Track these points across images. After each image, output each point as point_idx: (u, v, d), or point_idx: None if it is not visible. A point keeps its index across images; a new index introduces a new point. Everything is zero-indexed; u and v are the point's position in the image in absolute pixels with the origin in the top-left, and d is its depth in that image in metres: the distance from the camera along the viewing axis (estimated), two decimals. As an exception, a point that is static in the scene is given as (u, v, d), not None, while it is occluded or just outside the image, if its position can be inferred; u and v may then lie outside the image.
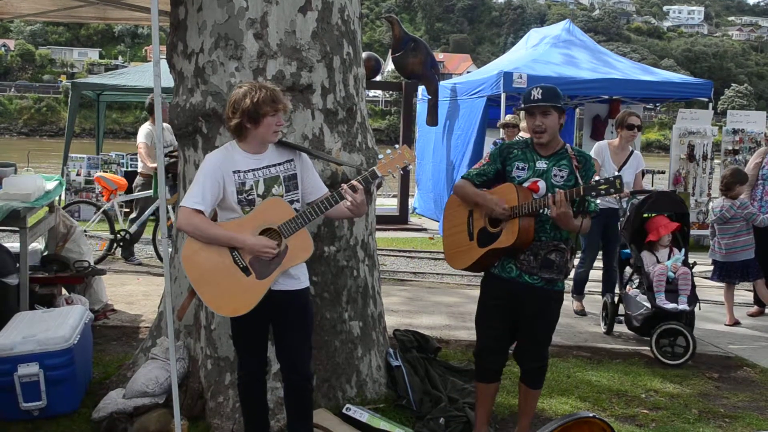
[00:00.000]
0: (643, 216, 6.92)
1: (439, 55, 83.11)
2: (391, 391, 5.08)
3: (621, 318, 7.39)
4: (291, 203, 3.81)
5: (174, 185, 6.89)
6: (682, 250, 6.91)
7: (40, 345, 4.72)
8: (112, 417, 4.54)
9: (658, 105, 16.74)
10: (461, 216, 4.44)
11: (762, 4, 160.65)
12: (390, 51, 13.26)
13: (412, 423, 4.74)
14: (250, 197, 3.75)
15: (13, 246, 6.35)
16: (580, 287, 7.87)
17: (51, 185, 6.85)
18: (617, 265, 7.32)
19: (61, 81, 67.80)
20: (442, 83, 14.04)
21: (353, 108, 4.97)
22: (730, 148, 12.72)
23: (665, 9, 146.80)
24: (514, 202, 4.13)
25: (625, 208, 7.07)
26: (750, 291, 8.50)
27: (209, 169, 3.76)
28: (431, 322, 7.20)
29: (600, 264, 7.89)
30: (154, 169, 8.66)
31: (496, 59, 17.49)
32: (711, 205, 7.67)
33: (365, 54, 9.94)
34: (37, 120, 62.48)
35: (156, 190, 8.51)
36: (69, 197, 13.51)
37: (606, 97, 13.95)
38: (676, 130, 12.82)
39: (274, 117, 3.70)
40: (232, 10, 4.61)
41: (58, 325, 4.95)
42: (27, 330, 4.89)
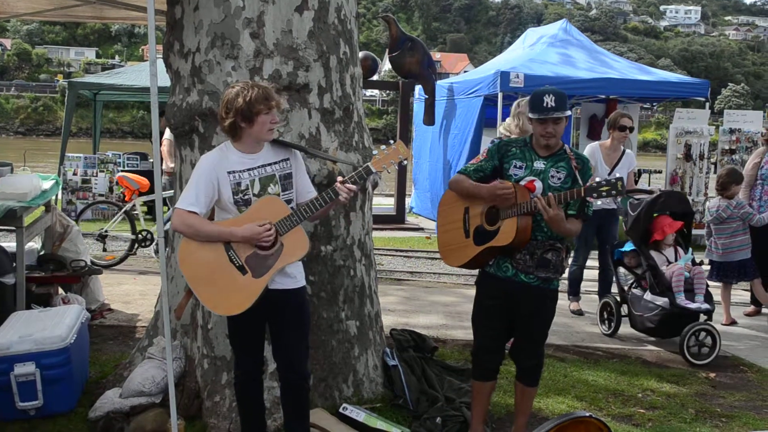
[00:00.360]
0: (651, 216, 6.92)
1: (436, 55, 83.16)
2: (388, 391, 5.08)
3: (605, 317, 7.46)
4: (287, 203, 3.81)
5: None
6: (689, 249, 6.93)
7: (36, 344, 4.71)
8: (108, 416, 4.54)
9: (655, 104, 16.77)
10: (457, 213, 4.43)
11: (759, 3, 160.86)
12: (387, 50, 13.27)
13: (408, 422, 4.74)
14: (246, 197, 3.75)
15: (10, 245, 6.34)
16: (575, 287, 7.87)
17: (47, 185, 6.84)
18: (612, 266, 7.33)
19: (58, 80, 67.71)
20: (439, 83, 14.04)
21: (350, 107, 4.97)
22: (726, 147, 12.74)
23: (662, 9, 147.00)
24: (512, 200, 4.13)
25: (626, 208, 7.05)
26: (747, 291, 8.51)
27: (203, 171, 3.75)
28: (428, 321, 7.20)
29: (591, 263, 7.90)
30: (172, 169, 8.66)
31: (493, 59, 17.51)
32: (707, 205, 7.67)
33: (362, 53, 9.95)
34: (34, 119, 62.45)
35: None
36: (66, 196, 13.50)
37: (603, 97, 13.95)
38: (672, 129, 12.83)
39: (267, 115, 3.70)
40: (228, 9, 4.61)
41: (54, 325, 4.95)
42: (23, 329, 4.89)
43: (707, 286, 6.71)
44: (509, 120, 9.20)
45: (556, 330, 6.87)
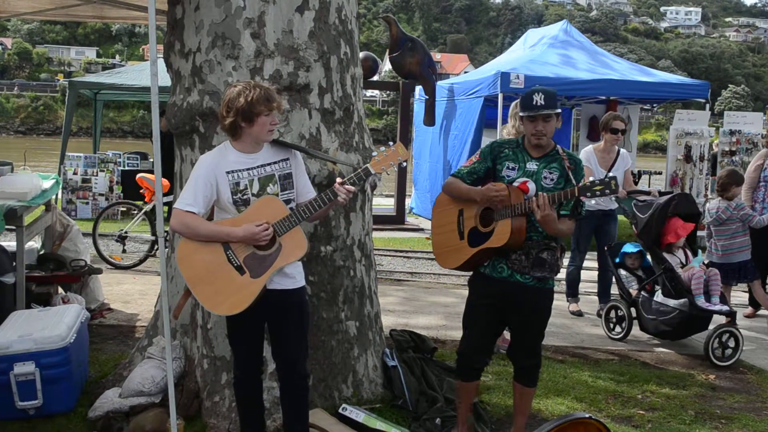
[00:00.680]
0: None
1: (437, 55, 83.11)
2: (388, 391, 5.08)
3: (613, 320, 7.46)
4: (287, 203, 3.81)
5: None
6: (698, 251, 6.93)
7: (36, 344, 4.71)
8: (108, 416, 4.54)
9: (655, 106, 16.78)
10: (451, 215, 4.44)
11: (759, 5, 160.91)
12: (387, 51, 13.27)
13: (408, 423, 4.74)
14: (245, 197, 3.75)
15: (10, 245, 6.33)
16: (574, 289, 7.87)
17: (48, 184, 6.85)
18: (613, 268, 7.32)
19: (59, 80, 67.70)
20: (439, 83, 14.05)
21: (350, 108, 4.97)
22: (726, 149, 12.74)
23: (662, 10, 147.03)
24: (506, 201, 4.14)
25: (631, 210, 7.00)
26: (746, 292, 8.51)
27: (202, 171, 3.76)
28: (428, 322, 7.20)
29: (587, 264, 7.90)
30: None
31: (493, 59, 17.50)
32: (707, 206, 7.67)
33: (362, 54, 9.95)
34: (34, 119, 62.40)
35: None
36: (66, 196, 13.51)
37: (603, 98, 13.97)
38: (673, 131, 12.84)
39: (268, 116, 3.70)
40: (229, 9, 4.61)
41: (54, 324, 4.95)
42: (23, 329, 4.89)
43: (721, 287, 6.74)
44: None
45: (555, 331, 6.88)
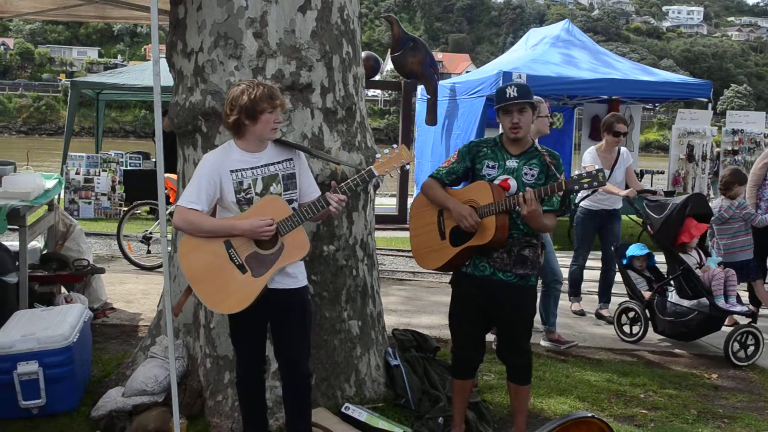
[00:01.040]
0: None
1: (438, 55, 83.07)
2: (390, 391, 5.09)
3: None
4: (289, 202, 3.81)
5: None
6: (712, 252, 6.93)
7: (39, 343, 4.72)
8: (111, 415, 4.55)
9: (657, 105, 16.79)
10: (431, 215, 4.41)
11: (761, 4, 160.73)
12: (389, 50, 13.26)
13: (410, 422, 4.74)
14: (248, 196, 3.75)
15: (13, 244, 6.34)
16: (576, 288, 7.86)
17: (50, 184, 6.86)
18: (617, 269, 7.30)
19: (61, 80, 67.72)
20: (441, 83, 14.04)
21: (352, 107, 4.97)
22: (729, 148, 12.74)
23: (664, 9, 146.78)
24: (489, 200, 4.14)
25: (644, 211, 6.98)
26: (746, 291, 8.49)
27: (206, 169, 3.76)
28: (430, 321, 7.20)
29: (590, 264, 7.90)
30: None
31: (495, 59, 17.50)
32: (710, 205, 7.66)
33: (364, 53, 9.94)
34: (36, 119, 62.41)
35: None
36: (68, 196, 13.52)
37: (605, 97, 13.95)
38: (675, 130, 12.84)
39: (271, 114, 3.71)
40: (231, 9, 4.61)
41: (57, 324, 4.96)
42: (26, 328, 4.90)
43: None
44: None
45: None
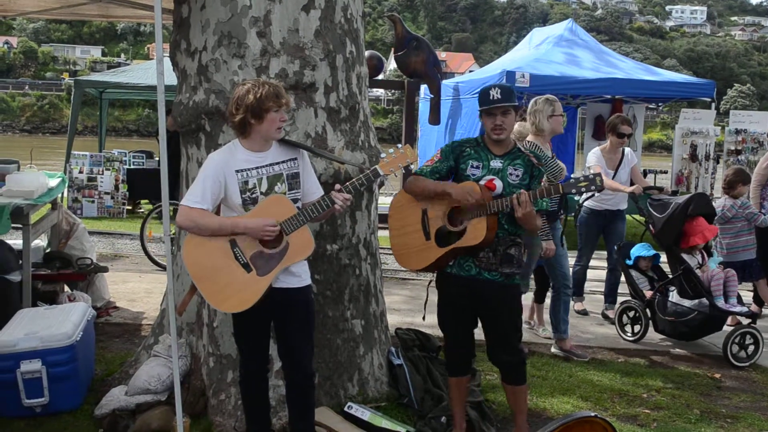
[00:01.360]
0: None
1: (442, 54, 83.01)
2: (393, 390, 5.09)
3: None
4: (294, 202, 3.82)
5: None
6: (714, 252, 6.92)
7: (42, 342, 4.73)
8: (114, 414, 4.56)
9: (660, 105, 16.75)
10: (413, 215, 4.38)
11: (765, 3, 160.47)
12: (392, 50, 13.24)
13: (413, 421, 4.74)
14: (253, 195, 3.75)
15: (16, 243, 6.36)
16: (579, 288, 7.85)
17: (54, 182, 6.87)
18: (624, 268, 7.29)
19: (64, 78, 67.77)
20: (444, 82, 14.04)
21: (356, 106, 4.97)
22: (732, 148, 12.72)
23: (668, 9, 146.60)
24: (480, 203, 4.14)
25: (647, 210, 6.97)
26: (750, 291, 8.48)
27: (211, 168, 3.77)
28: (433, 320, 7.15)
29: (593, 263, 7.90)
30: None
31: (498, 58, 17.50)
32: (713, 205, 7.65)
33: (368, 53, 9.93)
34: (40, 117, 62.48)
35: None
36: (72, 194, 13.54)
37: (608, 97, 13.93)
38: (678, 129, 12.83)
39: (277, 113, 3.71)
40: (235, 8, 4.61)
41: (60, 322, 4.96)
42: (29, 327, 4.90)
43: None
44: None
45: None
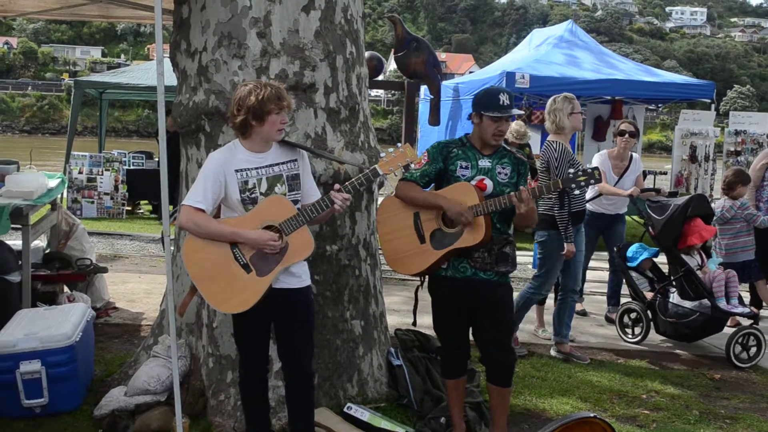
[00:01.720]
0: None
1: (442, 55, 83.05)
2: (392, 391, 5.09)
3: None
4: (294, 203, 3.82)
5: None
6: (713, 253, 6.92)
7: (42, 342, 4.72)
8: (113, 414, 4.55)
9: (660, 106, 16.78)
10: (404, 219, 4.32)
11: (765, 5, 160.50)
12: (392, 50, 13.25)
13: (413, 422, 4.74)
14: (253, 195, 3.76)
15: (16, 243, 6.36)
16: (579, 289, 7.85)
17: (53, 183, 6.86)
18: (624, 270, 7.29)
19: (64, 79, 67.78)
20: (444, 83, 14.03)
21: (356, 107, 4.97)
22: (732, 149, 12.73)
23: (668, 10, 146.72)
24: (474, 200, 4.14)
25: (646, 212, 6.97)
26: (747, 292, 8.48)
27: (211, 168, 3.77)
28: (429, 322, 7.17)
29: (592, 264, 7.91)
30: None
31: (498, 59, 17.50)
32: (713, 206, 7.66)
33: (368, 53, 9.95)
34: (40, 118, 62.53)
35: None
36: (71, 195, 13.54)
37: (608, 98, 13.95)
38: (678, 131, 12.84)
39: (278, 115, 3.72)
40: (235, 8, 4.62)
41: (60, 323, 4.96)
42: (29, 327, 4.90)
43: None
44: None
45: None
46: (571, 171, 4.15)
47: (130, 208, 14.32)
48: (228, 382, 4.63)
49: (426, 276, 4.45)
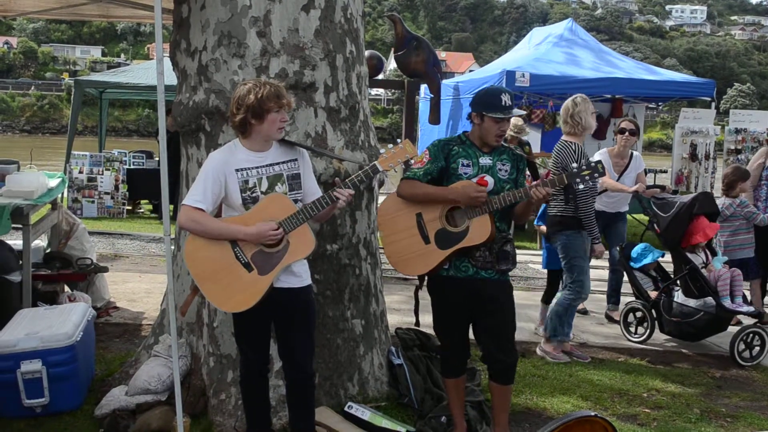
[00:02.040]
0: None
1: (442, 54, 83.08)
2: (393, 390, 5.09)
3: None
4: (294, 202, 3.81)
5: None
6: (718, 251, 6.92)
7: (42, 342, 4.72)
8: (114, 414, 4.55)
9: (660, 104, 16.74)
10: (407, 220, 4.28)
11: (765, 3, 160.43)
12: (392, 49, 13.24)
13: (413, 421, 4.74)
14: (253, 195, 3.75)
15: (16, 243, 6.36)
16: None
17: (54, 182, 6.86)
18: (628, 269, 7.28)
19: (64, 79, 67.76)
20: (444, 82, 14.03)
21: (356, 106, 4.97)
22: (732, 147, 12.72)
23: (668, 8, 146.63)
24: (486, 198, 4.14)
25: (652, 209, 6.96)
26: (748, 290, 8.48)
27: (211, 168, 3.77)
28: (429, 321, 7.17)
29: (592, 263, 7.89)
30: None
31: (498, 58, 17.50)
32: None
33: (368, 52, 9.94)
34: (40, 117, 62.49)
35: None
36: (72, 194, 13.54)
37: (608, 97, 13.94)
38: (678, 129, 12.83)
39: (278, 113, 3.71)
40: (235, 8, 4.61)
41: (60, 323, 4.96)
42: (30, 327, 4.90)
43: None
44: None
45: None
46: (575, 166, 4.14)
47: (130, 207, 14.31)
48: (229, 381, 4.63)
49: (426, 276, 4.43)
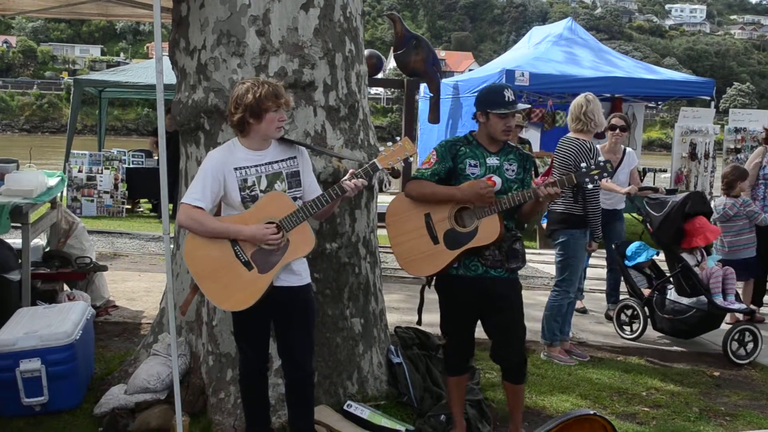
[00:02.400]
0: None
1: (441, 53, 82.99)
2: (392, 388, 5.09)
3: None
4: (294, 200, 3.81)
5: None
6: (713, 250, 6.92)
7: (42, 341, 4.72)
8: (113, 412, 4.55)
9: (660, 103, 16.76)
10: (415, 221, 4.29)
11: (764, 2, 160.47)
12: (392, 48, 13.25)
13: (413, 420, 4.74)
14: (253, 193, 3.75)
15: (15, 242, 6.36)
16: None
17: (53, 181, 6.86)
18: (622, 267, 7.29)
19: (63, 78, 67.72)
20: (444, 81, 14.04)
21: (355, 105, 4.97)
22: (731, 146, 12.73)
23: (667, 7, 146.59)
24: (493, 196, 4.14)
25: (645, 209, 6.97)
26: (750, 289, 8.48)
27: (210, 166, 3.77)
28: (432, 319, 7.14)
29: (591, 262, 7.90)
30: None
31: (498, 57, 17.51)
32: (713, 204, 7.66)
33: (367, 51, 9.95)
34: (39, 116, 62.46)
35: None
36: (71, 193, 13.54)
37: (608, 96, 13.93)
38: (678, 128, 12.83)
39: (276, 112, 3.71)
40: (234, 6, 4.61)
41: (60, 321, 4.96)
42: (29, 326, 4.90)
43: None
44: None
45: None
46: (584, 165, 4.14)
47: (129, 206, 14.31)
48: (228, 380, 4.63)
49: (433, 275, 4.41)
